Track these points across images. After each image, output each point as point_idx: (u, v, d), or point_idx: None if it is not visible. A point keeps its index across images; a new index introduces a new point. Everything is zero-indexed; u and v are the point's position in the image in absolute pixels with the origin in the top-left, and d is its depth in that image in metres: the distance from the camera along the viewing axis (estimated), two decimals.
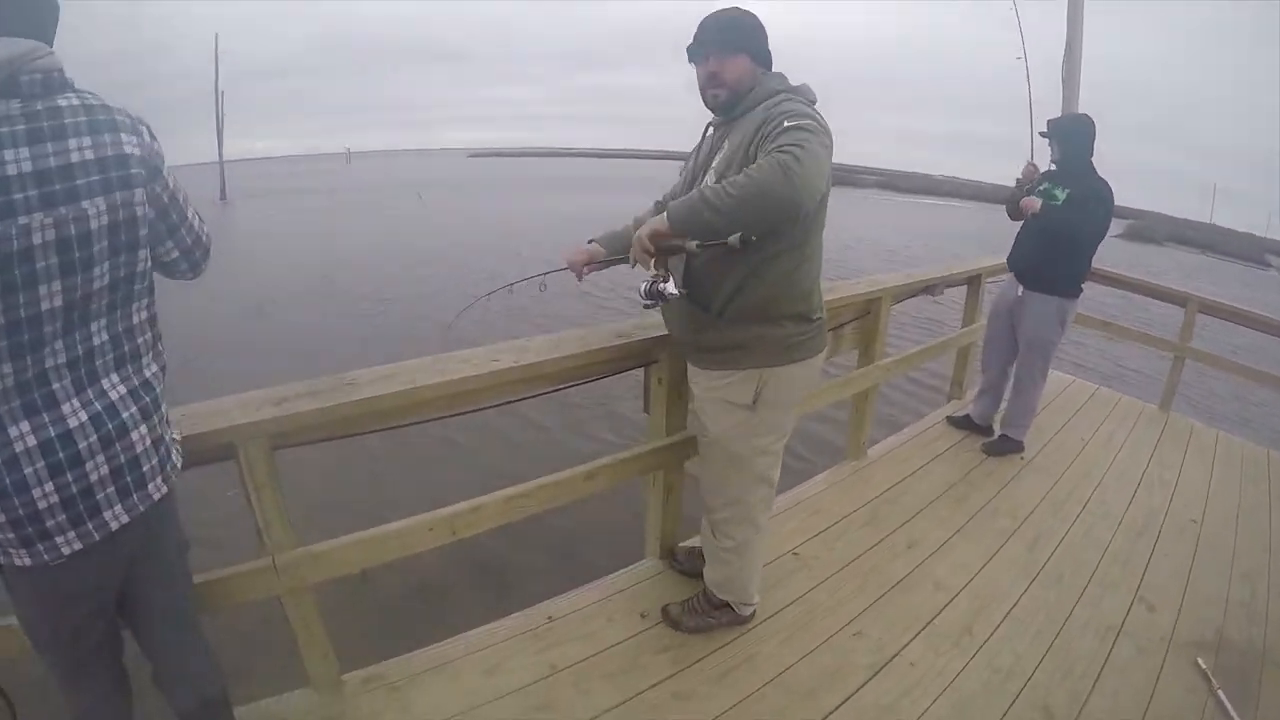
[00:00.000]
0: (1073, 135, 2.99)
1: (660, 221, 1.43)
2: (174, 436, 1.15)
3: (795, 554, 2.34)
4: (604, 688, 1.73)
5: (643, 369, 1.92)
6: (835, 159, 1.41)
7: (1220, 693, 1.89)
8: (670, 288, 1.49)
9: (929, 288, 3.30)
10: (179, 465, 1.13)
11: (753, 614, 1.96)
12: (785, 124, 1.35)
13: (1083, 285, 3.12)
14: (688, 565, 2.14)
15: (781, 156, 1.28)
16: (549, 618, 1.95)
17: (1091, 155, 2.98)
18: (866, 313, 2.84)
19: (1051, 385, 4.25)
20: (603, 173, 52.50)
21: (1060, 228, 2.92)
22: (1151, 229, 33.92)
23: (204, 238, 1.14)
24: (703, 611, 1.91)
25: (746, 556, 1.83)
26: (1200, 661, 2.01)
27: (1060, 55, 4.26)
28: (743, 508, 1.77)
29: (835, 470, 2.99)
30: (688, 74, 1.61)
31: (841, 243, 15.01)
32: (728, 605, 1.90)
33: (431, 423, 1.69)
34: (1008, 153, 3.08)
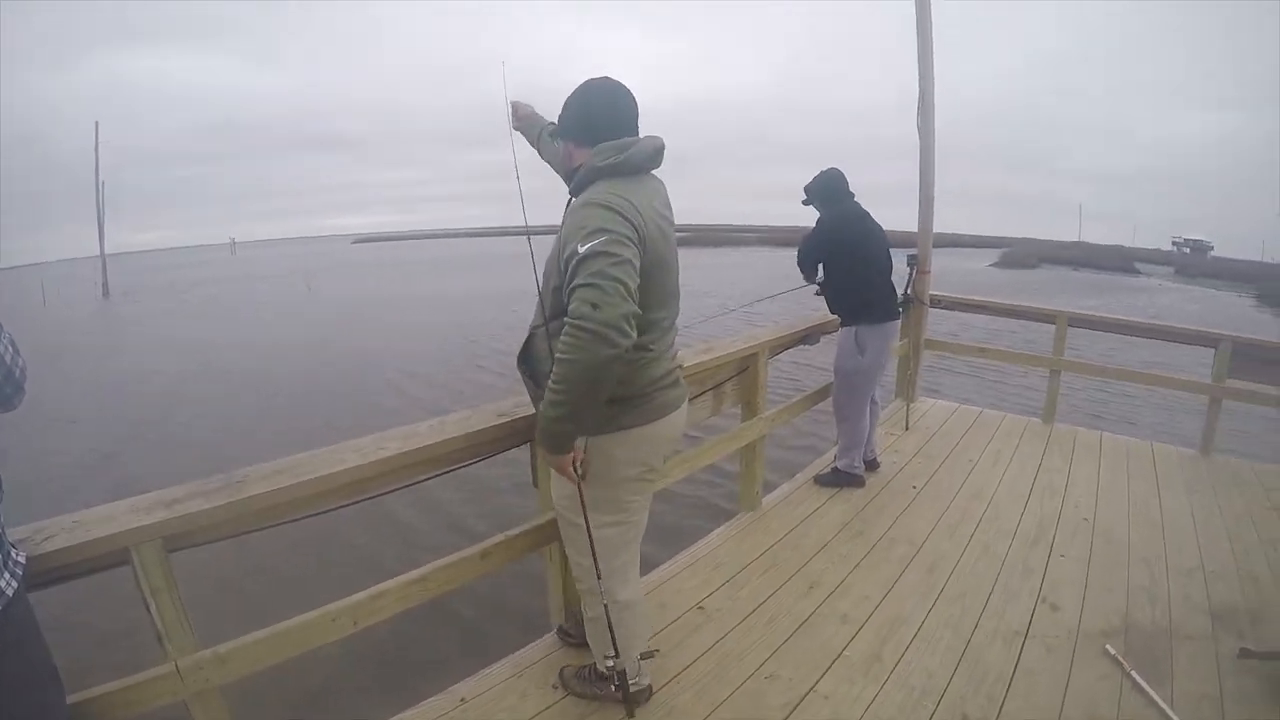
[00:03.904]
0: (816, 193, 3.37)
1: (546, 456, 1.56)
2: (16, 559, 1.09)
3: (700, 608, 2.35)
4: None
5: (528, 444, 1.94)
6: (716, 221, 1.45)
7: (1134, 673, 1.99)
8: None
9: (806, 337, 3.50)
10: (9, 593, 1.05)
11: (624, 686, 1.78)
12: (579, 251, 1.36)
13: (885, 312, 3.34)
14: (579, 635, 2.08)
15: (576, 320, 1.31)
16: (462, 699, 1.90)
17: (842, 199, 3.33)
18: (745, 368, 2.94)
19: (938, 413, 4.56)
20: (481, 250, 54.92)
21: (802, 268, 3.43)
22: (1024, 254, 36.93)
23: (16, 373, 1.07)
24: (590, 680, 1.90)
25: (608, 625, 1.73)
26: (1109, 648, 2.12)
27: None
28: (588, 577, 1.72)
29: (732, 523, 3.03)
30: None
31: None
32: (610, 679, 1.81)
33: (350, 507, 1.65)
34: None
